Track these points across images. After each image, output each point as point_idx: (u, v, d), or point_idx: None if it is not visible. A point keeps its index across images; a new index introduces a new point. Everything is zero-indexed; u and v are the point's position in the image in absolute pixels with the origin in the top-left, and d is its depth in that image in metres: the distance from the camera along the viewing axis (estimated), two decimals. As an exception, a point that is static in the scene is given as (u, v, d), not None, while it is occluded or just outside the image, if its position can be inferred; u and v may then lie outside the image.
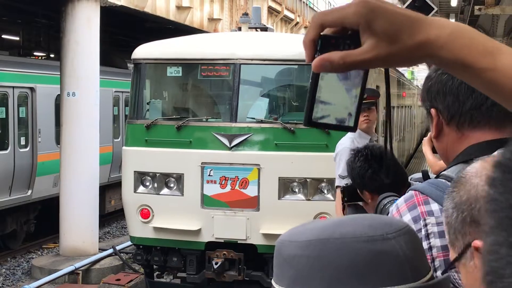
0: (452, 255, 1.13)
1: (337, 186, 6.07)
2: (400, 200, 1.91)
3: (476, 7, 10.67)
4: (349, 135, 6.16)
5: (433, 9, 12.83)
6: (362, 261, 0.92)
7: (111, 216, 17.13)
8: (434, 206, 1.77)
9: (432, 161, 2.98)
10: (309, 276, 0.93)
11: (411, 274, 0.94)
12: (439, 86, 1.86)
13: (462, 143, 1.81)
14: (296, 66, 8.91)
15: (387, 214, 2.65)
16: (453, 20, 16.36)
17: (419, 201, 1.83)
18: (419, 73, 66.41)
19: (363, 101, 0.98)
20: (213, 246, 8.31)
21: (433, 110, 1.87)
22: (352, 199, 3.29)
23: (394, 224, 0.97)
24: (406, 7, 12.83)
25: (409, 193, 1.88)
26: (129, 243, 11.30)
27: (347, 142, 5.99)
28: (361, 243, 0.93)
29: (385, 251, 0.93)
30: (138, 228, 8.68)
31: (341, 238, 0.93)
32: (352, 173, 3.29)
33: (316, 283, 0.93)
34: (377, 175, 3.21)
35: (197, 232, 8.35)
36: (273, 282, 0.98)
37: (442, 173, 1.86)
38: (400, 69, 32.29)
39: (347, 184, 3.33)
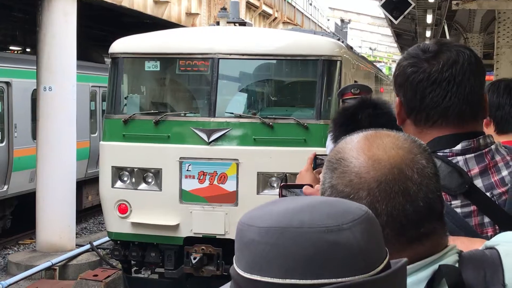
0: None
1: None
2: None
3: (454, 2, 10.72)
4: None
5: (411, 4, 12.86)
6: (317, 252, 0.93)
7: (88, 211, 17.02)
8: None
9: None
10: (266, 262, 0.94)
11: (365, 264, 0.95)
12: (402, 79, 1.85)
13: (422, 138, 1.82)
14: (274, 61, 8.91)
15: None
16: (430, 16, 16.42)
17: None
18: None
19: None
20: (191, 241, 8.29)
21: (397, 99, 1.88)
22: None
23: (352, 212, 0.97)
24: (384, 3, 12.85)
25: None
26: (107, 238, 11.24)
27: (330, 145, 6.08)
28: (317, 233, 0.94)
29: (339, 242, 0.94)
30: (115, 224, 8.63)
31: (299, 228, 0.94)
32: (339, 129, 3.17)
33: (272, 270, 0.93)
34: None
35: (176, 227, 8.32)
36: (234, 261, 0.99)
37: None
38: (378, 65, 32.47)
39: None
